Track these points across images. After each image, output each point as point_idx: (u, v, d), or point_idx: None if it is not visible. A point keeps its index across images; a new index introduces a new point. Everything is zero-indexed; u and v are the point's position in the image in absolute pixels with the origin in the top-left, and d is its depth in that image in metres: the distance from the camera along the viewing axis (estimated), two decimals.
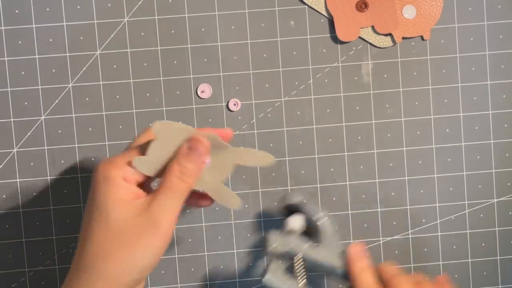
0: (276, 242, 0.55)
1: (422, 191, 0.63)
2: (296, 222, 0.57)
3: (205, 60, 0.61)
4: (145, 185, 0.49)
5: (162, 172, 0.48)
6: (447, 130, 0.62)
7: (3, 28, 0.60)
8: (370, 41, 0.61)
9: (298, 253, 0.55)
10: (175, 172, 0.48)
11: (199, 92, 0.61)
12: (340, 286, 0.63)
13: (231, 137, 0.52)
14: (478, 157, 0.63)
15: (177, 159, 0.48)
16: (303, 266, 0.56)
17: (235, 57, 0.61)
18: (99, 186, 0.47)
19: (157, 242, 0.46)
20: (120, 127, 0.61)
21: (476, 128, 0.62)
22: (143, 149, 0.48)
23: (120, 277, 0.46)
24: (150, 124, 0.48)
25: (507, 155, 0.63)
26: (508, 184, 0.63)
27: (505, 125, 0.62)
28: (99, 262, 0.46)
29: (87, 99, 0.61)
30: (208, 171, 0.49)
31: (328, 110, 0.62)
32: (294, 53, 0.61)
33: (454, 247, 0.63)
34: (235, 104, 0.61)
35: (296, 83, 0.62)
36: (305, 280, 0.56)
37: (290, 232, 0.56)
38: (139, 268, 0.46)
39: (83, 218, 0.48)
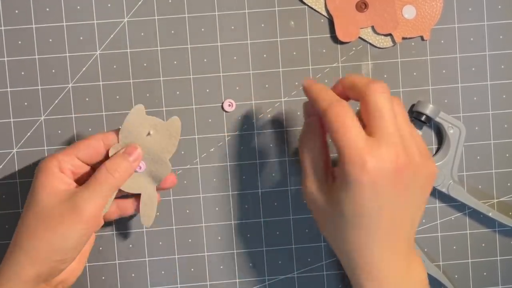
0: None
1: None
2: None
3: (205, 60, 0.61)
4: (84, 177, 0.55)
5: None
6: None
7: (3, 28, 0.60)
8: (370, 41, 0.61)
9: None
10: (105, 166, 0.54)
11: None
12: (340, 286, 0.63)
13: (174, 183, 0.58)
14: (478, 157, 0.62)
15: (112, 157, 0.54)
16: None
17: (235, 57, 0.61)
18: (37, 176, 0.53)
19: (78, 227, 0.52)
20: (120, 127, 0.61)
21: (476, 128, 0.62)
22: (80, 146, 0.54)
23: (43, 256, 0.52)
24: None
25: (507, 155, 0.63)
26: (508, 184, 0.63)
27: (505, 125, 0.62)
28: (25, 241, 0.52)
29: (87, 99, 0.61)
30: (144, 177, 0.56)
31: None
32: (294, 53, 0.61)
33: (454, 247, 0.63)
34: (229, 105, 0.61)
35: (296, 83, 0.62)
36: None
37: None
38: (61, 249, 0.52)
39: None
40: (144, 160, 0.56)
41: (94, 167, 0.56)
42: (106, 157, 0.55)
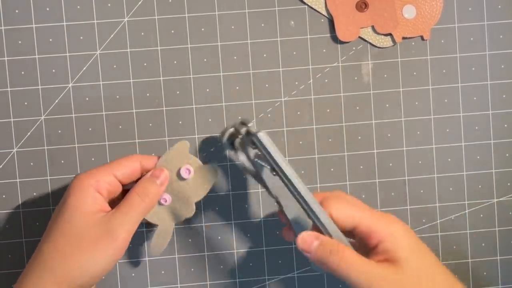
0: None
1: (422, 191, 0.63)
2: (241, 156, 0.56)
3: (205, 60, 0.61)
4: (117, 199, 0.55)
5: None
6: (447, 130, 0.62)
7: (3, 28, 0.60)
8: (370, 41, 0.61)
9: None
10: (136, 191, 0.53)
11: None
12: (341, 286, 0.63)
13: None
14: (478, 157, 0.62)
15: (140, 181, 0.54)
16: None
17: (235, 57, 0.61)
18: (70, 193, 0.52)
19: (111, 252, 0.51)
20: (120, 127, 0.61)
21: (476, 128, 0.62)
22: (118, 166, 0.54)
23: (70, 278, 0.50)
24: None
25: (507, 155, 0.63)
26: (508, 184, 0.63)
27: (505, 125, 0.62)
28: (53, 262, 0.50)
29: (87, 99, 0.61)
30: (166, 211, 0.57)
31: (328, 110, 0.62)
32: (294, 53, 0.61)
33: (454, 247, 0.63)
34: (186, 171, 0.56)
35: (296, 83, 0.62)
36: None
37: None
38: (90, 273, 0.50)
39: (50, 221, 0.53)
40: (172, 196, 0.56)
41: (125, 188, 0.55)
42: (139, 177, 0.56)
